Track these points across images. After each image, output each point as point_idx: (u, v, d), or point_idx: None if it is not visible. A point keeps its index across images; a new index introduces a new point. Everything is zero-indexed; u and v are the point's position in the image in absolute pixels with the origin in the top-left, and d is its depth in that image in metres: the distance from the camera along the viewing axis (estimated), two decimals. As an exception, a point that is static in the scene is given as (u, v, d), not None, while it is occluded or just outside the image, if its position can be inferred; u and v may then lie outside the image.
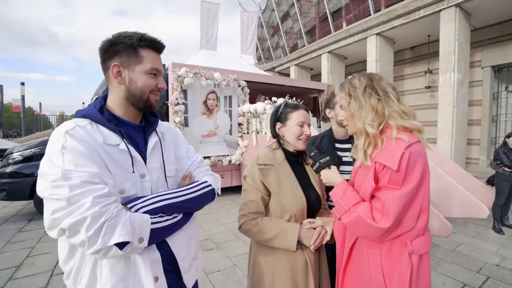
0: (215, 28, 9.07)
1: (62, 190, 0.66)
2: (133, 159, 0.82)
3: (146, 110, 0.91)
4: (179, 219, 0.86)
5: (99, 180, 0.70)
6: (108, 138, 0.80)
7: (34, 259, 2.83)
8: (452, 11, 6.95)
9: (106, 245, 0.66)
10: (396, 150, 0.87)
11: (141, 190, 0.84)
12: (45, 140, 4.39)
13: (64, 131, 0.74)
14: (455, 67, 7.01)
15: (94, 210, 0.65)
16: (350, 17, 10.86)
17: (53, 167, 0.69)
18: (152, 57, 0.86)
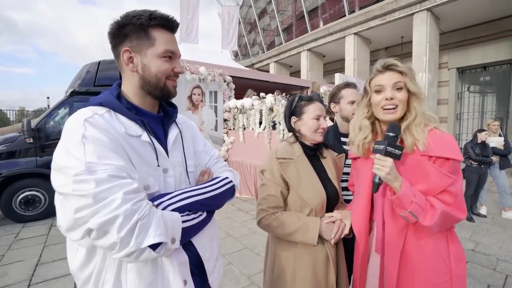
0: (196, 21, 8.81)
1: (87, 185, 0.57)
2: (157, 152, 0.75)
3: (164, 98, 0.81)
4: (204, 217, 0.80)
5: (126, 174, 0.63)
6: (129, 128, 0.72)
7: (6, 269, 2.56)
8: (424, 14, 7.40)
9: (140, 246, 0.58)
10: (450, 140, 0.89)
11: (164, 187, 0.76)
12: (11, 137, 3.97)
13: (83, 119, 0.65)
14: (426, 68, 7.48)
15: (126, 208, 0.57)
16: (326, 17, 11.13)
17: (74, 160, 0.60)
18: (165, 37, 0.75)
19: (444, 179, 0.85)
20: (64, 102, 4.17)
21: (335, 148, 1.44)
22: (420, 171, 0.88)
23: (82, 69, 4.48)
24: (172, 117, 0.86)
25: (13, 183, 3.76)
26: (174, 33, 0.80)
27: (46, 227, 3.68)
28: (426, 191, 0.87)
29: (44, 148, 3.97)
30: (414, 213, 0.84)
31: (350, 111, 1.46)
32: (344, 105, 1.49)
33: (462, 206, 0.86)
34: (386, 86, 0.93)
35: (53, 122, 4.12)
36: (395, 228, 0.95)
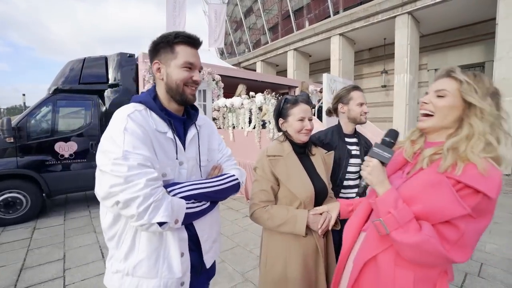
0: (183, 19, 8.69)
1: (121, 168, 0.75)
2: (177, 147, 0.92)
3: (184, 103, 0.96)
4: (207, 206, 0.95)
5: (151, 164, 0.80)
6: (159, 125, 0.90)
7: (-11, 274, 2.45)
8: (405, 17, 7.71)
9: (151, 222, 0.76)
10: (494, 175, 0.69)
11: (178, 176, 0.93)
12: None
13: (126, 114, 0.83)
14: (407, 69, 7.82)
15: (146, 191, 0.75)
16: (311, 17, 11.32)
17: (115, 146, 0.77)
18: (186, 51, 0.92)
19: (455, 206, 0.67)
20: (46, 100, 4.01)
21: (339, 148, 1.51)
22: (433, 191, 0.72)
23: (66, 66, 4.31)
24: (192, 120, 1.03)
25: (-8, 185, 3.58)
26: (197, 48, 0.97)
27: (29, 230, 3.53)
28: (426, 213, 0.72)
29: (25, 148, 3.79)
30: (386, 224, 0.73)
31: (358, 113, 1.53)
32: (353, 106, 1.55)
33: (466, 249, 0.69)
34: (430, 91, 0.83)
35: (35, 121, 3.94)
36: (374, 239, 0.83)
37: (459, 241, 0.69)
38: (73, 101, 4.18)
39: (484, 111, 0.75)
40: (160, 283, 0.87)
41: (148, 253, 0.85)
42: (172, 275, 0.88)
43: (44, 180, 3.88)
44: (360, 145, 1.60)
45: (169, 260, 0.88)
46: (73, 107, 4.30)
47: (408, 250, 0.72)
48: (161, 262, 0.87)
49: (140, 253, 0.85)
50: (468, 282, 2.30)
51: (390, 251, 0.80)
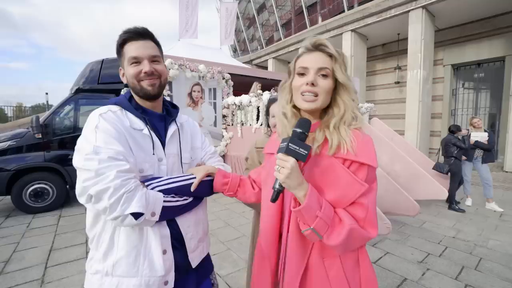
0: (195, 17, 8.90)
1: (92, 163, 0.76)
2: (154, 143, 0.92)
3: (147, 97, 0.94)
4: (189, 201, 0.94)
5: (123, 158, 0.80)
6: (134, 123, 0.91)
7: (23, 254, 2.78)
8: (419, 12, 7.53)
9: (124, 213, 0.75)
10: (370, 144, 0.76)
11: (157, 172, 0.92)
12: (20, 132, 4.16)
13: (98, 114, 0.86)
14: (421, 65, 7.65)
15: (116, 182, 0.75)
16: (325, 12, 11.21)
17: (87, 143, 0.79)
18: (131, 48, 0.90)
19: (355, 186, 0.71)
20: (69, 100, 4.35)
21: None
22: (331, 176, 0.74)
23: (86, 68, 4.64)
24: (172, 116, 1.03)
25: (23, 176, 3.96)
26: (145, 39, 0.92)
27: (55, 217, 3.90)
28: (335, 201, 0.73)
29: (51, 143, 4.16)
30: (318, 230, 0.69)
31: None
32: None
33: (374, 221, 0.73)
34: (310, 69, 0.77)
35: (59, 119, 4.30)
36: (300, 246, 0.79)
37: (367, 216, 0.72)
38: (92, 99, 4.52)
39: (349, 86, 0.79)
40: (141, 282, 0.84)
41: (127, 250, 0.83)
42: (154, 273, 0.85)
43: (68, 172, 4.24)
44: None
45: (150, 258, 0.85)
46: (93, 106, 4.63)
47: (339, 246, 0.70)
48: (141, 260, 0.84)
49: (119, 251, 0.84)
50: (463, 275, 2.36)
51: (315, 249, 0.78)
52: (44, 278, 2.33)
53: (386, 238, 3.12)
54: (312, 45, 0.79)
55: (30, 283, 2.26)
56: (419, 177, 3.81)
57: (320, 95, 0.77)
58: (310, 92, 0.77)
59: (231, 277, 2.35)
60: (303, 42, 0.82)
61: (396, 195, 3.05)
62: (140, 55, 0.90)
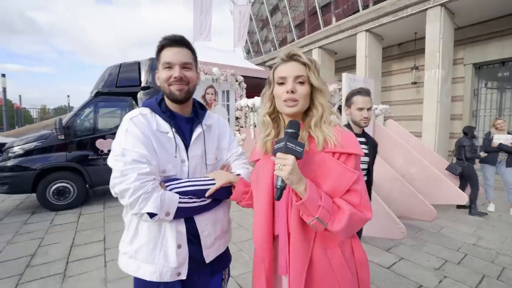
0: (209, 20, 9.05)
1: (119, 164, 0.87)
2: (177, 146, 0.97)
3: (175, 101, 1.00)
4: (207, 203, 0.99)
5: (146, 161, 0.88)
6: (161, 126, 0.97)
7: (47, 249, 2.93)
8: (438, 10, 7.29)
9: (141, 211, 0.85)
10: (351, 136, 0.87)
11: (180, 173, 0.98)
12: (45, 133, 4.39)
13: (129, 118, 0.95)
14: (439, 64, 7.39)
15: (135, 184, 0.84)
16: (339, 12, 11.05)
17: (118, 145, 0.90)
18: (166, 53, 0.97)
19: (348, 174, 0.79)
20: (89, 102, 4.55)
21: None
22: (324, 169, 0.82)
23: (105, 72, 4.84)
24: (199, 119, 1.07)
25: (47, 175, 4.18)
26: (181, 46, 0.98)
27: (76, 215, 4.08)
28: (331, 191, 0.80)
29: (73, 144, 4.36)
30: (322, 219, 0.74)
31: (357, 117, 1.65)
32: (353, 110, 1.66)
33: (368, 204, 0.81)
34: (288, 78, 0.86)
35: (80, 121, 4.50)
36: (302, 240, 0.83)
37: (361, 201, 0.79)
38: (111, 102, 4.70)
39: (323, 90, 0.89)
40: (155, 269, 0.92)
41: (147, 240, 0.93)
42: (167, 264, 0.93)
43: (87, 172, 4.44)
44: (369, 144, 1.70)
45: (165, 250, 0.93)
46: (111, 108, 4.83)
47: (343, 232, 0.77)
48: (158, 250, 0.93)
49: (141, 239, 0.94)
50: (484, 284, 2.27)
51: (317, 242, 0.84)
52: (66, 273, 2.45)
53: (400, 243, 3.04)
54: (287, 56, 0.89)
55: (54, 277, 2.39)
56: (437, 181, 3.69)
57: (300, 100, 0.86)
58: (291, 100, 0.86)
59: (242, 277, 2.38)
60: (279, 54, 0.92)
61: (411, 199, 2.97)
62: (173, 61, 0.96)
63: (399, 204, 3.01)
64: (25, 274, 2.43)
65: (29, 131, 9.48)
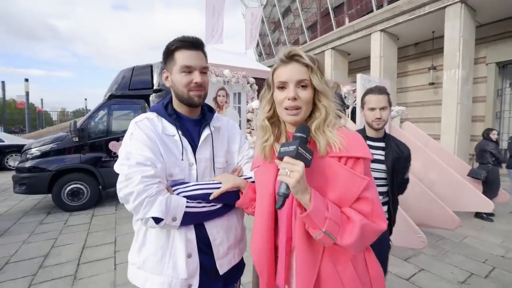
0: (220, 23, 9.09)
1: (123, 168, 0.84)
2: (184, 149, 0.93)
3: (192, 106, 0.97)
4: (218, 208, 0.93)
5: (150, 163, 0.84)
6: (167, 129, 0.95)
7: (60, 249, 2.96)
8: (458, 7, 6.98)
9: (145, 216, 0.80)
10: (359, 138, 0.79)
11: (188, 177, 0.94)
12: (61, 136, 4.50)
13: (135, 122, 0.93)
14: (459, 64, 7.06)
15: (139, 187, 0.80)
16: (352, 13, 10.86)
17: (123, 149, 0.88)
18: (184, 56, 0.92)
19: (357, 181, 0.71)
20: (103, 105, 4.62)
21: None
22: (330, 176, 0.73)
23: (119, 75, 4.92)
24: (207, 121, 1.02)
25: (62, 176, 4.27)
26: (196, 50, 0.94)
27: (89, 216, 4.14)
28: (338, 200, 0.72)
29: (87, 146, 4.44)
30: (330, 232, 0.66)
31: (370, 118, 1.51)
32: (366, 111, 1.53)
33: (382, 214, 0.73)
34: (289, 82, 0.78)
35: (94, 123, 4.59)
36: (309, 254, 0.75)
37: (373, 210, 0.71)
38: (124, 105, 4.77)
39: (327, 92, 0.80)
40: (164, 280, 0.87)
41: (155, 249, 0.89)
42: (176, 275, 0.87)
43: (100, 174, 4.50)
44: (389, 150, 1.50)
45: (174, 260, 0.88)
46: (124, 111, 4.89)
47: (354, 246, 0.68)
48: (166, 260, 0.88)
49: (149, 248, 0.90)
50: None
51: (325, 256, 0.75)
52: (77, 275, 2.46)
53: (420, 252, 2.86)
54: (287, 56, 0.80)
55: (64, 278, 2.40)
56: (459, 186, 3.48)
57: (303, 106, 0.79)
58: (293, 108, 0.78)
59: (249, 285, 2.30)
60: (278, 54, 0.83)
61: (431, 205, 2.79)
62: (193, 65, 0.92)
63: (418, 210, 2.84)
64: (37, 274, 2.45)
65: (48, 133, 9.84)
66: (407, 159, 1.52)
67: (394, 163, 1.45)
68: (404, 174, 1.53)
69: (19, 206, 4.71)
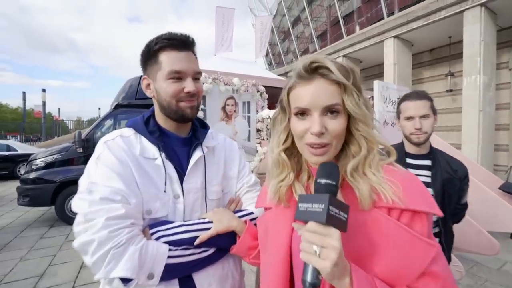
0: (230, 31, 9.10)
1: (83, 204, 0.64)
2: (167, 176, 0.74)
3: (183, 121, 0.79)
4: (210, 254, 0.74)
5: (121, 198, 0.65)
6: (146, 151, 0.75)
7: (57, 268, 2.80)
8: (477, 11, 6.68)
9: (108, 276, 0.60)
10: (417, 182, 0.55)
11: (173, 213, 0.74)
12: (66, 146, 4.43)
13: (104, 141, 0.74)
14: (480, 69, 6.71)
15: (102, 234, 0.60)
16: (363, 21, 10.71)
17: (85, 177, 0.69)
18: (171, 58, 0.73)
19: (421, 248, 0.48)
20: (109, 115, 4.54)
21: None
22: (377, 238, 0.50)
23: (126, 84, 4.86)
24: (199, 140, 0.82)
25: (66, 188, 4.16)
26: (187, 50, 0.76)
27: (92, 230, 3.99)
28: (391, 275, 0.49)
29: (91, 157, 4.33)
30: None
31: (408, 129, 1.25)
32: (403, 121, 1.29)
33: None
34: (312, 110, 0.55)
35: (100, 133, 4.50)
36: None
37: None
38: (130, 114, 4.66)
39: (366, 118, 0.57)
40: None
41: None
42: None
43: (106, 185, 4.36)
44: (437, 169, 1.22)
45: None
46: (131, 120, 4.80)
47: None
48: None
49: None
50: None
51: None
52: (71, 299, 2.26)
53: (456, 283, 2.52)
54: (307, 70, 0.56)
55: (57, 304, 2.20)
56: (493, 203, 3.12)
57: (332, 142, 0.56)
58: (319, 146, 0.56)
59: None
60: (295, 66, 0.60)
61: (467, 228, 2.46)
62: (184, 70, 0.74)
63: (450, 232, 2.52)
64: (29, 298, 2.28)
65: (60, 142, 9.96)
66: (463, 180, 1.24)
67: (445, 186, 1.18)
68: (460, 199, 1.26)
69: (23, 217, 4.63)
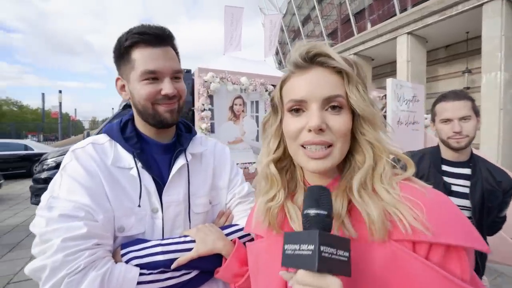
0: (239, 30, 9.04)
1: (40, 222, 0.56)
2: (142, 189, 0.65)
3: (161, 126, 0.71)
4: (192, 277, 0.64)
5: (84, 214, 0.56)
6: (121, 159, 0.67)
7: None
8: (498, 4, 6.37)
9: None
10: (439, 202, 0.42)
11: (151, 229, 0.66)
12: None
13: (72, 149, 0.66)
14: (501, 65, 6.39)
15: (55, 258, 0.51)
16: (374, 18, 10.46)
17: (48, 191, 0.61)
18: (145, 56, 0.65)
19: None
20: (118, 115, 4.56)
21: (430, 177, 1.12)
22: (395, 282, 0.39)
23: (134, 84, 4.87)
24: (183, 146, 0.74)
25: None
26: (165, 45, 0.68)
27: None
28: None
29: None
30: None
31: (445, 133, 1.13)
32: (439, 124, 1.18)
33: None
34: (309, 102, 0.46)
35: (110, 133, 4.53)
36: None
37: None
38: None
39: (374, 117, 0.46)
40: None
41: None
42: None
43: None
44: (477, 179, 1.10)
45: None
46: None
47: None
48: None
49: None
50: None
51: None
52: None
53: (475, 291, 2.36)
54: (305, 58, 0.47)
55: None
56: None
57: (336, 143, 0.46)
58: (318, 145, 0.45)
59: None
60: (292, 53, 0.50)
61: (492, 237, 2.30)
62: (160, 70, 0.66)
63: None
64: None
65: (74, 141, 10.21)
66: (507, 192, 1.10)
67: (485, 198, 1.05)
68: (500, 212, 1.13)
69: (36, 216, 4.72)
